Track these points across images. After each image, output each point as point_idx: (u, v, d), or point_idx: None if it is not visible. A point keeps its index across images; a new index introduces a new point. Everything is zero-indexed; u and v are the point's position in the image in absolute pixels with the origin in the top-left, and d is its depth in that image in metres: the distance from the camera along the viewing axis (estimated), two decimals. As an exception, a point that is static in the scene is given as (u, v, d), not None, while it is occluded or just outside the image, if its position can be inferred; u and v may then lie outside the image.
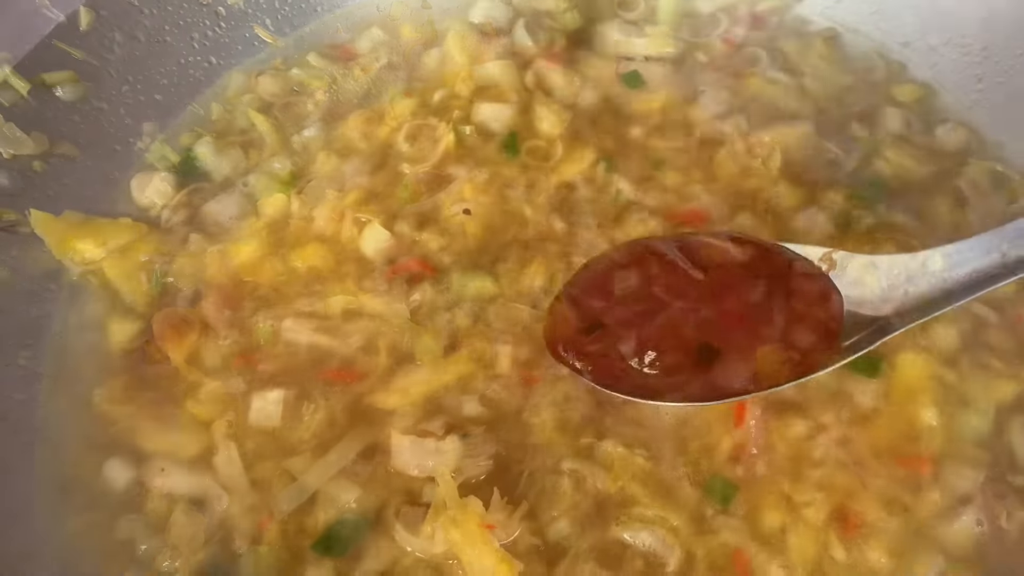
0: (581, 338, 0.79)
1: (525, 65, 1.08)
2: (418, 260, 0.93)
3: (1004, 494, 0.79)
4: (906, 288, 0.76)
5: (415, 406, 0.84)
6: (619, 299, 0.78)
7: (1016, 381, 0.85)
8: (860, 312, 0.77)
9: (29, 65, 0.95)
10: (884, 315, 0.77)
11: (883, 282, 0.77)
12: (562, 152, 1.00)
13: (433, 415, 0.83)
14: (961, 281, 0.74)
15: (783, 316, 0.75)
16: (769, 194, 0.96)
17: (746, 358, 0.75)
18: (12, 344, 0.88)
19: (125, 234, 0.94)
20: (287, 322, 0.89)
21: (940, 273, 0.75)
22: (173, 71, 1.07)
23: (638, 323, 0.76)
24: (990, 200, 0.95)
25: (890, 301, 0.77)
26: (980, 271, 0.73)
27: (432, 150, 1.00)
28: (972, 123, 1.03)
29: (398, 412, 0.83)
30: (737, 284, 0.76)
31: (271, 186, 0.98)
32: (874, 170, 0.98)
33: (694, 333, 0.75)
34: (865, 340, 0.75)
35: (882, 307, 0.77)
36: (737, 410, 0.81)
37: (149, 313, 0.91)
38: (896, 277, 0.77)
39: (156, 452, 0.83)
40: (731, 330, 0.75)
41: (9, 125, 0.92)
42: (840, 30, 1.13)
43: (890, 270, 0.77)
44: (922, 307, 0.75)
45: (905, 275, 0.76)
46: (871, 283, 0.78)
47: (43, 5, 0.97)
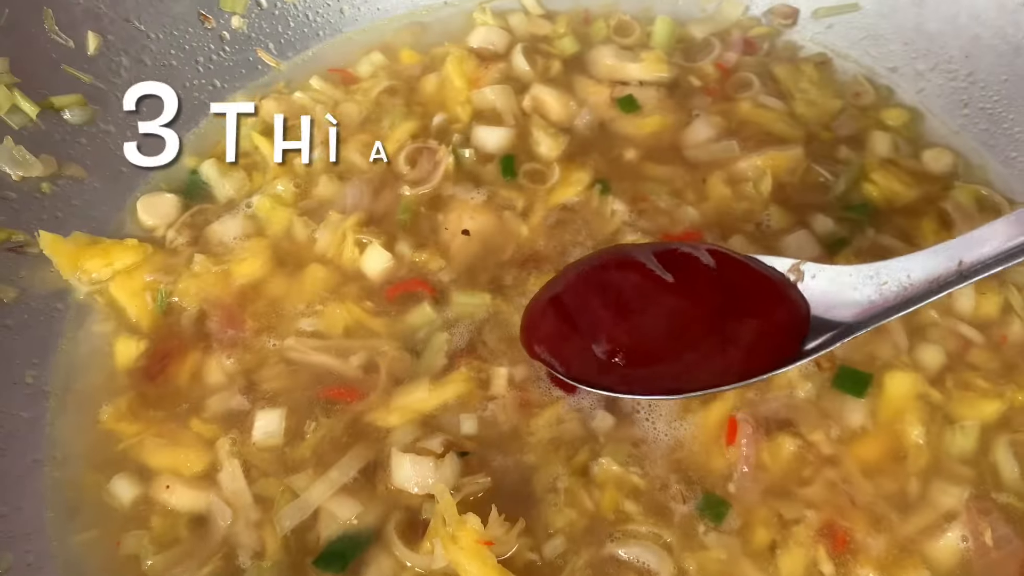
0: (554, 336, 0.81)
1: (522, 90, 1.11)
2: (417, 280, 0.95)
3: (988, 511, 0.81)
4: (870, 296, 0.78)
5: (414, 424, 0.85)
6: (592, 299, 0.80)
7: (1000, 400, 0.87)
8: (826, 318, 0.80)
9: (38, 89, 0.97)
10: (848, 321, 0.79)
11: (848, 290, 0.79)
12: (559, 175, 1.03)
13: (431, 433, 0.85)
14: (920, 288, 0.76)
15: (751, 320, 0.78)
16: (761, 216, 0.99)
17: (712, 356, 0.77)
18: (20, 363, 0.89)
19: (131, 255, 0.95)
20: (288, 341, 0.91)
21: (902, 281, 0.77)
22: (178, 94, 1.09)
23: (610, 321, 0.78)
24: (975, 223, 0.97)
25: (855, 307, 0.79)
26: (939, 278, 0.75)
27: (432, 172, 1.03)
28: (958, 147, 1.06)
29: (397, 430, 0.85)
30: (706, 288, 0.78)
31: (274, 207, 1.00)
32: (863, 193, 1.01)
33: (664, 332, 0.77)
34: (829, 342, 0.78)
35: (847, 313, 0.79)
36: (729, 429, 0.84)
37: (154, 332, 0.92)
38: (860, 286, 0.79)
39: (162, 469, 0.85)
40: (699, 329, 0.77)
41: (19, 148, 0.94)
42: (830, 55, 1.17)
43: (855, 279, 0.79)
44: (884, 312, 0.77)
45: (869, 284, 0.78)
46: (837, 291, 0.80)
47: (52, 30, 0.99)
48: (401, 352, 0.90)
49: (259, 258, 0.96)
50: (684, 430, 0.84)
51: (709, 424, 0.84)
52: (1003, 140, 1.05)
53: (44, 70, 0.98)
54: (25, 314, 0.91)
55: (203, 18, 1.11)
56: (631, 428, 0.84)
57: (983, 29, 1.05)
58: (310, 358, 0.90)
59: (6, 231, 0.92)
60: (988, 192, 1.01)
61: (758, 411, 0.85)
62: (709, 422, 0.85)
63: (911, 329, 0.90)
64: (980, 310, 0.92)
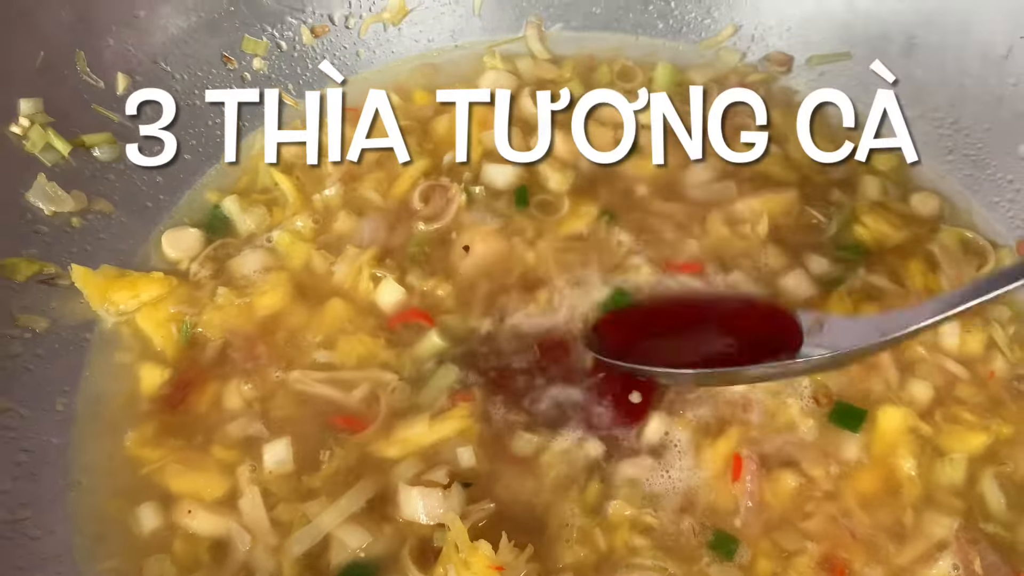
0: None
1: (530, 131, 1.16)
2: (416, 310, 0.99)
3: (977, 540, 0.85)
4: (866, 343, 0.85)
5: (417, 456, 0.89)
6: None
7: (987, 433, 0.91)
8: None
9: (70, 127, 1.01)
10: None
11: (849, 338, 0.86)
12: (568, 206, 1.08)
13: (435, 465, 0.88)
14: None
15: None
16: (758, 255, 1.03)
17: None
18: (51, 390, 0.92)
19: (156, 287, 0.99)
20: (295, 374, 0.95)
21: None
22: (201, 132, 1.13)
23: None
24: (960, 264, 1.02)
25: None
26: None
27: (445, 209, 1.07)
28: (944, 191, 1.11)
29: (401, 464, 0.89)
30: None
31: (294, 242, 1.04)
32: (854, 234, 1.05)
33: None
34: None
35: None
36: (734, 466, 0.88)
37: (178, 361, 0.96)
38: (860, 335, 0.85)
39: (183, 494, 0.88)
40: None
41: (51, 184, 0.98)
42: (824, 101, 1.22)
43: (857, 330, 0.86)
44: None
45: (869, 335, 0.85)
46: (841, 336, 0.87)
47: (84, 72, 1.04)
48: (403, 384, 0.94)
49: (279, 291, 1.00)
50: (692, 467, 0.89)
51: (716, 461, 0.89)
52: (987, 185, 1.10)
53: (76, 109, 1.03)
54: (56, 343, 0.95)
55: (226, 59, 1.16)
56: (638, 466, 0.89)
57: (968, 80, 1.11)
58: (317, 389, 0.94)
59: (38, 263, 0.96)
60: (972, 235, 1.05)
61: (762, 448, 0.89)
62: (716, 459, 0.89)
63: (901, 365, 0.94)
64: (966, 347, 0.96)
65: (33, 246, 0.96)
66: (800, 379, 0.93)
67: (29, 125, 0.97)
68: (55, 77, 1.01)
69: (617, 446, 0.90)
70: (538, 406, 0.92)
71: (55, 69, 1.01)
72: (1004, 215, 1.09)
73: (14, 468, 0.86)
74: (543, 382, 0.94)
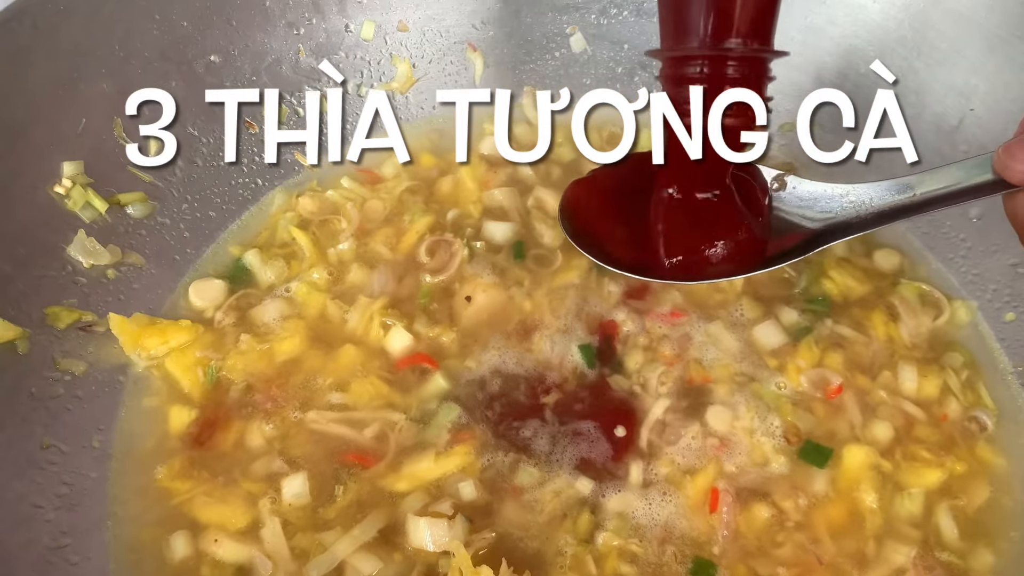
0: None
1: (526, 191, 1.26)
2: (421, 355, 1.08)
3: (933, 567, 0.94)
4: (837, 209, 0.90)
5: (423, 491, 0.97)
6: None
7: (941, 470, 0.99)
8: (796, 222, 0.92)
9: (107, 187, 1.10)
10: (816, 229, 0.91)
11: (822, 201, 0.91)
12: (561, 260, 1.18)
13: (441, 497, 0.96)
14: (878, 210, 0.87)
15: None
16: (734, 306, 1.13)
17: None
18: (88, 429, 1.00)
19: (185, 334, 1.08)
20: (311, 414, 1.03)
21: (865, 203, 0.88)
22: (225, 191, 1.23)
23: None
24: (918, 315, 1.12)
25: (823, 216, 0.91)
26: (894, 204, 0.86)
27: (449, 262, 1.17)
28: (903, 248, 1.21)
29: (410, 496, 0.97)
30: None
31: (310, 292, 1.13)
32: (822, 288, 1.14)
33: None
34: (798, 251, 0.90)
35: (816, 220, 0.91)
36: (712, 498, 0.96)
37: (204, 403, 1.04)
38: (831, 200, 0.90)
39: (210, 524, 0.96)
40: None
41: (90, 240, 1.06)
42: (796, 165, 1.33)
43: (828, 193, 0.91)
44: (844, 227, 0.89)
45: (839, 200, 0.90)
46: (812, 201, 0.92)
47: (120, 136, 1.13)
48: (409, 423, 1.02)
49: (297, 337, 1.09)
50: (674, 500, 0.97)
51: (695, 494, 0.97)
52: (942, 243, 1.20)
53: (112, 170, 1.11)
54: (92, 385, 1.03)
55: (248, 125, 1.26)
56: (627, 499, 0.97)
57: (924, 148, 1.21)
58: (331, 429, 1.02)
59: (78, 312, 1.04)
60: (929, 288, 1.15)
61: (738, 482, 0.98)
62: (695, 493, 0.97)
63: (864, 407, 1.04)
64: (922, 391, 1.06)
65: (73, 296, 1.04)
66: (772, 419, 1.02)
67: (71, 186, 1.06)
68: (94, 141, 1.09)
69: (605, 481, 0.98)
70: (533, 442, 1.01)
71: (95, 134, 1.09)
72: (958, 270, 1.19)
73: (56, 500, 0.94)
74: (537, 420, 1.03)
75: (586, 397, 1.05)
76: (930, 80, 1.21)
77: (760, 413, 1.02)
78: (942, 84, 1.18)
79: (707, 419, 1.02)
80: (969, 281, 1.18)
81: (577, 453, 1.00)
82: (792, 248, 0.90)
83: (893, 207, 0.86)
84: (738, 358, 1.08)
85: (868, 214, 0.88)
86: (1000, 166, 0.74)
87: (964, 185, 0.80)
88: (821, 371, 1.06)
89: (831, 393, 1.04)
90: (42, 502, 0.93)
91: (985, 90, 1.15)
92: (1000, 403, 1.07)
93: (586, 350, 1.09)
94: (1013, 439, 1.05)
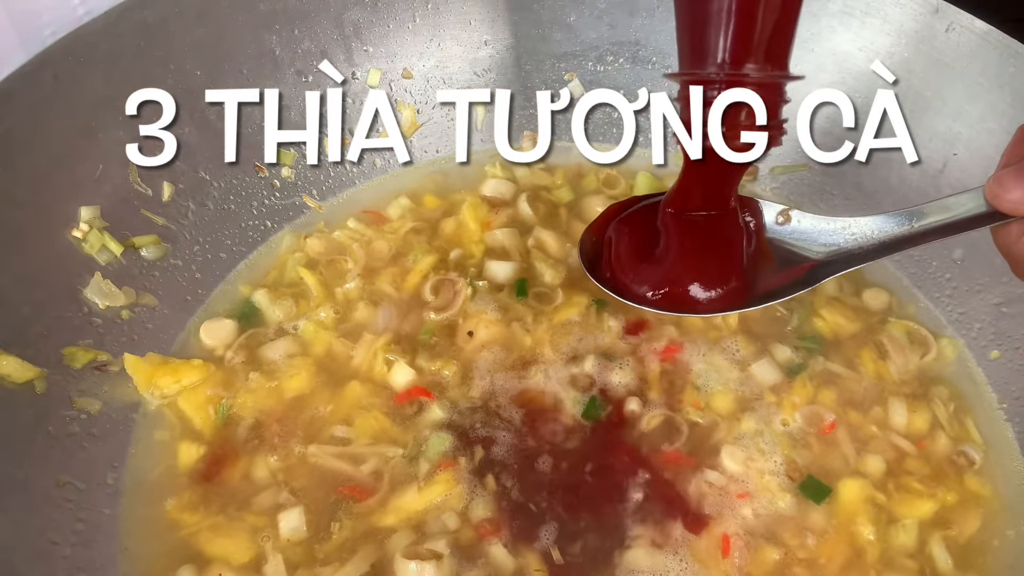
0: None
1: (527, 231, 1.30)
2: (419, 388, 1.10)
3: (928, 598, 0.97)
4: (839, 242, 0.94)
5: (409, 526, 0.99)
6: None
7: (933, 500, 1.02)
8: (801, 253, 0.97)
9: (122, 231, 1.13)
10: (820, 260, 0.95)
11: (825, 235, 0.96)
12: (562, 297, 1.21)
13: (426, 532, 0.99)
14: (880, 242, 0.91)
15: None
16: (729, 343, 1.17)
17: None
18: (103, 466, 1.03)
19: (196, 373, 1.11)
20: (312, 448, 1.06)
21: (867, 235, 0.92)
22: (235, 233, 1.26)
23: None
24: (906, 352, 1.16)
25: (827, 248, 0.95)
26: (895, 236, 0.90)
27: (453, 301, 1.21)
28: (891, 287, 1.24)
29: (398, 531, 0.99)
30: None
31: (317, 331, 1.17)
32: (814, 326, 1.18)
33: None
34: (804, 282, 0.95)
35: (820, 252, 0.96)
36: (724, 544, 0.98)
37: (214, 439, 1.07)
38: (834, 233, 0.95)
39: (215, 557, 0.98)
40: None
41: (106, 282, 1.09)
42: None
43: (831, 227, 0.95)
44: (847, 259, 0.93)
45: (841, 233, 0.94)
46: (816, 235, 0.97)
47: (135, 181, 1.18)
48: (402, 456, 1.05)
49: (304, 374, 1.12)
50: (688, 548, 0.99)
51: (708, 541, 0.99)
52: (928, 282, 1.24)
53: (127, 214, 1.15)
54: (107, 424, 1.05)
55: (258, 169, 1.31)
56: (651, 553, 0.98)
57: (910, 191, 1.25)
58: (329, 463, 1.05)
59: (93, 352, 1.07)
60: (916, 326, 1.19)
61: (748, 526, 1.00)
62: (709, 540, 0.99)
63: (857, 442, 1.07)
64: (912, 425, 1.09)
65: (89, 336, 1.08)
66: (776, 457, 1.04)
67: (88, 230, 1.09)
68: (110, 186, 1.13)
69: (614, 528, 1.00)
70: (529, 474, 1.04)
71: (111, 180, 1.13)
72: (944, 309, 1.23)
73: (72, 536, 0.96)
74: (536, 458, 1.05)
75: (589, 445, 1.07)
76: (915, 126, 1.24)
77: (766, 452, 1.05)
78: (926, 129, 1.22)
79: (723, 462, 1.04)
80: (955, 319, 1.22)
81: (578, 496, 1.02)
82: (798, 279, 0.95)
83: (893, 238, 0.90)
84: (740, 396, 1.10)
85: (870, 245, 0.92)
86: (991, 195, 0.77)
87: (959, 217, 0.83)
88: (815, 408, 1.09)
89: (825, 429, 1.07)
90: (58, 538, 0.95)
91: (968, 136, 1.19)
92: (987, 438, 1.11)
93: (591, 404, 1.11)
94: (1000, 472, 1.08)
